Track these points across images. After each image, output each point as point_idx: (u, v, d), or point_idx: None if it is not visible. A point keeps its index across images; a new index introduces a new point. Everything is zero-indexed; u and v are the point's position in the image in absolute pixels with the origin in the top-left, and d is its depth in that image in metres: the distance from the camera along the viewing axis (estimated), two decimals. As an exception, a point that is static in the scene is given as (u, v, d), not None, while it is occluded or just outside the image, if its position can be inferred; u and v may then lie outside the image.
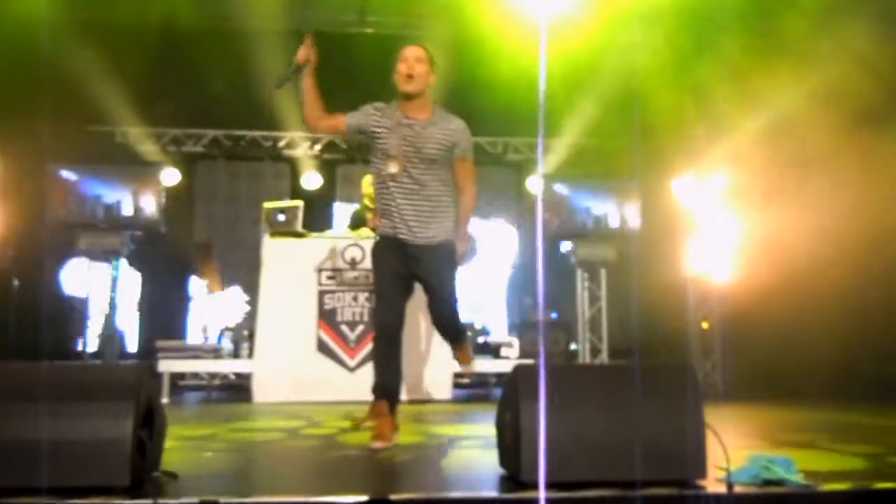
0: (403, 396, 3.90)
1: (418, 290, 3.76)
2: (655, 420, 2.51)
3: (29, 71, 7.49)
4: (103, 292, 7.25)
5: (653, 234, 8.17)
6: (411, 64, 3.60)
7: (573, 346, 7.88)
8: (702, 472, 2.48)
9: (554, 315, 8.68)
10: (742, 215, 7.58)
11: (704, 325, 7.87)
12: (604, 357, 7.45)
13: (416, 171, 3.59)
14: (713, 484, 2.46)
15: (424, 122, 3.62)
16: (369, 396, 3.65)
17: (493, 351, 7.33)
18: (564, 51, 8.04)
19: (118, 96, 7.81)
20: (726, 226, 7.74)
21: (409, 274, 3.65)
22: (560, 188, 7.50)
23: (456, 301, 3.72)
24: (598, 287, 7.61)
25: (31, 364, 2.54)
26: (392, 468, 2.99)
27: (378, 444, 3.41)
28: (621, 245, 7.40)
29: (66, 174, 6.73)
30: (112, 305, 7.19)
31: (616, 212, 7.22)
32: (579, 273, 7.60)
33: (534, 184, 8.98)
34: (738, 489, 2.41)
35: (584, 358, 7.49)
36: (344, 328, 6.26)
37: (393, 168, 3.59)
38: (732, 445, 2.50)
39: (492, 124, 8.82)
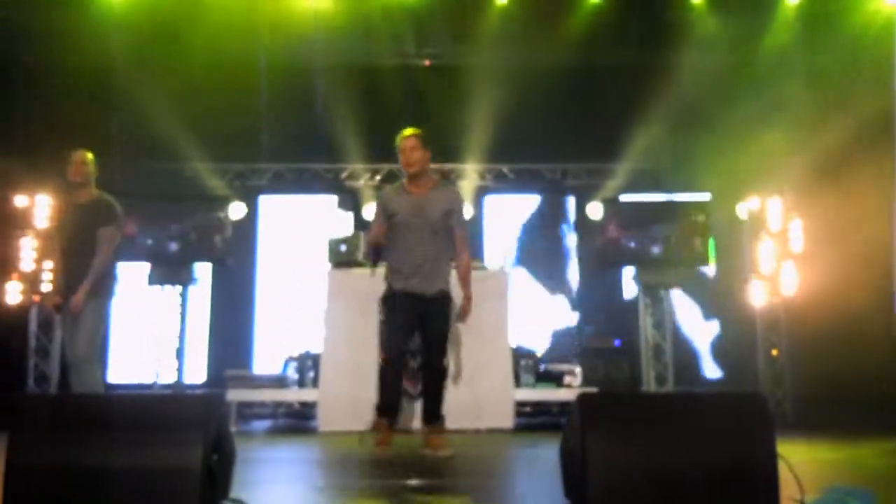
0: (466, 425, 4.00)
1: (479, 319, 4.00)
2: (725, 451, 2.45)
3: (103, 111, 7.84)
4: (173, 322, 7.46)
5: (721, 259, 7.99)
6: (408, 155, 4.37)
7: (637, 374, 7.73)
8: (775, 504, 2.40)
9: (617, 342, 8.53)
10: (814, 239, 7.34)
11: (774, 352, 7.63)
12: (669, 385, 7.29)
13: (425, 234, 4.34)
14: (787, 518, 2.38)
15: (428, 193, 4.41)
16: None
17: (555, 379, 7.22)
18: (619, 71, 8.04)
19: (188, 134, 8.10)
20: (797, 250, 7.50)
21: (416, 322, 4.41)
22: (622, 212, 7.41)
23: (445, 350, 4.45)
24: (662, 313, 7.47)
25: (104, 394, 2.62)
26: (455, 501, 2.98)
27: (380, 449, 4.28)
28: (686, 270, 7.26)
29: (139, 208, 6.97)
30: (182, 335, 7.39)
31: (681, 235, 7.08)
32: (643, 299, 7.48)
33: (594, 209, 8.91)
34: (814, 523, 2.32)
35: (649, 386, 7.33)
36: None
37: (407, 233, 4.35)
38: (806, 478, 2.42)
39: (549, 150, 8.79)
